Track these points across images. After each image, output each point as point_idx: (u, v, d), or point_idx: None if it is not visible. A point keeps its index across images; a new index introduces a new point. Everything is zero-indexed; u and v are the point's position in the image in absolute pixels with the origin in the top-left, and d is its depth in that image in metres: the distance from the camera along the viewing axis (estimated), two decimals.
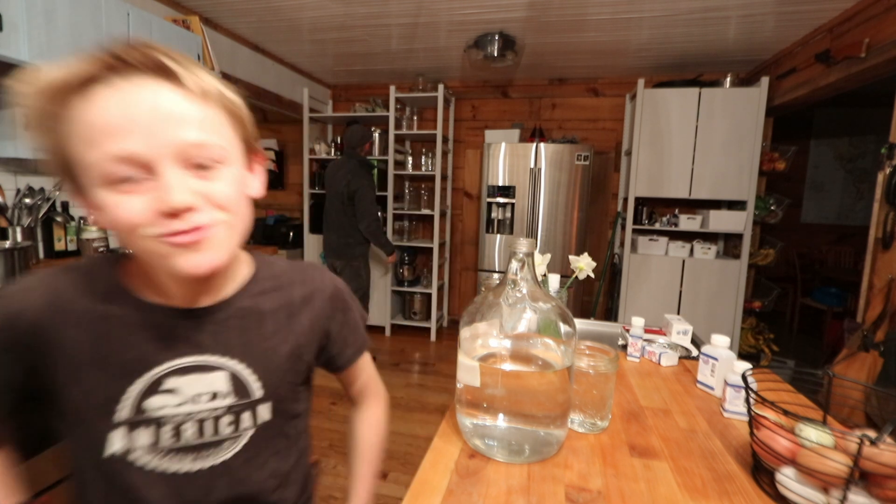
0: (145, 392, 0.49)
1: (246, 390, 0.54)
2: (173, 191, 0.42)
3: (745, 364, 0.85)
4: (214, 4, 2.49)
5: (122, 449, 0.49)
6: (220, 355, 0.52)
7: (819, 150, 4.68)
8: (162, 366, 0.50)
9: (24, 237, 1.77)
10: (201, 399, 0.51)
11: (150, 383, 0.49)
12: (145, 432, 0.49)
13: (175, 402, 0.50)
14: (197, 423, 0.51)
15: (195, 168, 0.44)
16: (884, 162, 1.86)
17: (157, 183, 0.42)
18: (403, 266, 3.69)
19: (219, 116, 0.46)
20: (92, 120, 0.41)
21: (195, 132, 0.43)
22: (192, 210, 0.43)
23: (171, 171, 0.42)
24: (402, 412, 2.45)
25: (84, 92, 0.41)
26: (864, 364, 1.73)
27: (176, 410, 0.50)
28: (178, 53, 0.44)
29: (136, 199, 0.42)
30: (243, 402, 0.54)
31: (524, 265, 0.69)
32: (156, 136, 0.41)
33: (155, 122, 0.41)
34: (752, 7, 2.26)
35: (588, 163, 3.18)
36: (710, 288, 3.00)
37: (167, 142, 0.42)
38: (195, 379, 0.51)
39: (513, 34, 2.72)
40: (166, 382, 0.50)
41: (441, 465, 0.68)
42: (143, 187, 0.42)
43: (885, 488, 0.54)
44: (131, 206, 0.42)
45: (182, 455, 0.51)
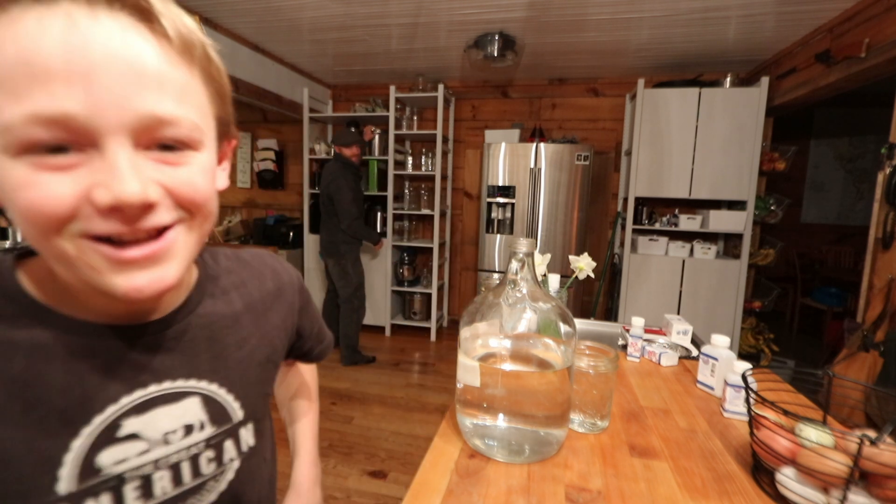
0: (94, 444, 0.35)
1: (226, 414, 0.44)
2: (124, 177, 0.29)
3: (745, 364, 0.85)
4: (214, 4, 2.49)
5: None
6: (187, 378, 0.41)
7: (819, 150, 4.68)
8: (115, 405, 0.36)
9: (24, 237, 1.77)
10: (173, 438, 0.39)
11: (102, 431, 0.36)
12: (102, 501, 0.35)
13: (138, 451, 0.37)
14: (171, 470, 0.39)
15: (157, 149, 0.32)
16: (884, 162, 1.86)
17: (101, 163, 0.29)
18: (403, 266, 3.70)
19: (198, 84, 0.34)
20: (14, 53, 0.27)
21: (167, 102, 0.31)
22: (148, 207, 0.31)
23: (123, 149, 0.29)
24: (402, 412, 2.45)
25: (6, 5, 0.27)
26: (864, 364, 1.73)
27: (141, 460, 0.37)
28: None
29: (62, 181, 0.29)
30: (223, 428, 0.43)
31: (524, 265, 0.69)
32: (110, 96, 0.28)
33: (112, 77, 0.28)
34: (752, 7, 2.26)
35: (588, 163, 3.18)
36: (710, 288, 3.01)
37: (125, 107, 0.29)
38: (161, 414, 0.39)
39: (513, 34, 2.72)
40: (124, 426, 0.37)
41: (441, 465, 0.68)
42: (76, 165, 0.29)
43: (885, 488, 0.54)
44: (54, 189, 0.28)
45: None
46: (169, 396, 0.40)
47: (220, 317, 0.45)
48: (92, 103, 0.28)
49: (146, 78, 0.30)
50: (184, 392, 0.41)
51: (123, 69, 0.29)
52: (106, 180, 0.29)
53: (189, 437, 0.41)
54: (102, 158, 0.29)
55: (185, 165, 0.33)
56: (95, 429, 0.35)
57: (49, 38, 0.27)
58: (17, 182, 0.28)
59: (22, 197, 0.28)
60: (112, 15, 0.29)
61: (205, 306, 0.44)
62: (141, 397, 0.38)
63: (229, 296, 0.47)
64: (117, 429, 0.36)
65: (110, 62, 0.28)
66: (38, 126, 0.27)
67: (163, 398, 0.39)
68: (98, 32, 0.28)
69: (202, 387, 0.42)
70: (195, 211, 0.35)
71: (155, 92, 0.30)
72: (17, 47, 0.27)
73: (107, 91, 0.28)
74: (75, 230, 0.30)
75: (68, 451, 0.34)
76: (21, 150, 0.28)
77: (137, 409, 0.38)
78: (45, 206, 0.28)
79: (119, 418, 0.37)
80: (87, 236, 0.30)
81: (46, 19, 0.27)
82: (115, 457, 0.36)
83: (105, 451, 0.36)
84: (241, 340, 0.46)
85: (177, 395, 0.40)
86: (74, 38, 0.27)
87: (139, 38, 0.30)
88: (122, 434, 0.37)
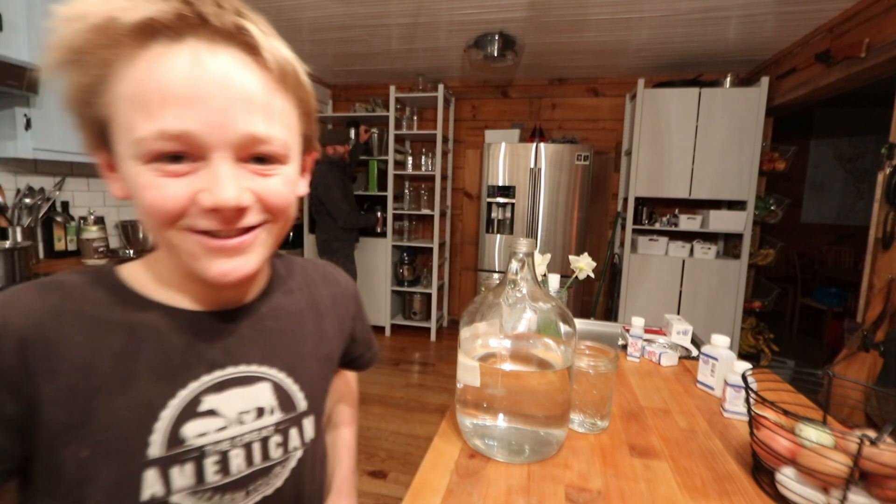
0: (180, 416, 0.40)
1: (292, 403, 0.47)
2: (224, 185, 0.35)
3: (745, 364, 0.85)
4: None
5: (160, 493, 0.38)
6: (259, 363, 0.45)
7: (819, 150, 4.68)
8: (196, 381, 0.41)
9: (24, 237, 1.77)
10: (246, 418, 0.43)
11: (185, 405, 0.40)
12: (186, 469, 0.39)
13: (216, 426, 0.41)
14: (244, 449, 0.43)
15: (252, 162, 0.38)
16: (884, 162, 1.86)
17: (207, 172, 0.35)
18: (403, 266, 3.70)
19: (290, 107, 0.40)
20: (151, 82, 0.33)
21: (263, 124, 0.37)
22: (241, 210, 0.37)
23: (225, 161, 0.36)
24: (402, 412, 2.45)
25: (147, 43, 0.33)
26: (864, 364, 1.73)
27: (219, 436, 0.41)
28: (257, 15, 0.37)
29: (178, 184, 0.35)
30: (290, 416, 0.47)
31: (524, 265, 0.69)
32: (217, 117, 0.34)
33: (220, 100, 0.34)
34: (752, 7, 2.26)
35: (588, 163, 3.18)
36: (710, 288, 3.01)
37: (230, 128, 0.35)
38: (236, 394, 0.43)
39: (513, 34, 2.72)
40: (204, 402, 0.41)
41: (441, 465, 0.68)
42: (189, 172, 0.35)
43: (885, 488, 0.54)
44: (172, 190, 0.35)
45: (233, 492, 0.42)
46: (243, 379, 0.44)
47: (287, 312, 0.50)
48: (205, 123, 0.34)
49: (249, 104, 0.36)
50: (256, 377, 0.45)
51: (232, 96, 0.35)
52: (210, 186, 0.35)
53: (260, 420, 0.44)
54: (209, 168, 0.36)
55: (274, 176, 0.39)
56: (180, 402, 0.40)
57: (177, 69, 0.33)
58: (144, 184, 0.35)
59: (147, 196, 0.35)
60: (227, 50, 0.35)
61: (276, 302, 0.49)
62: (219, 377, 0.42)
63: (296, 295, 0.52)
64: (198, 404, 0.41)
65: (222, 90, 0.34)
66: (164, 140, 0.34)
67: (237, 380, 0.44)
68: (215, 65, 0.34)
69: (272, 374, 0.46)
70: (278, 215, 0.41)
71: (254, 115, 0.36)
72: (154, 77, 0.33)
73: (217, 114, 0.34)
74: (183, 224, 0.36)
75: (158, 420, 0.39)
76: (148, 159, 0.35)
77: (215, 388, 0.42)
78: (163, 204, 0.35)
79: (200, 395, 0.41)
80: (191, 230, 0.37)
81: (175, 54, 0.33)
82: (197, 430, 0.40)
83: (188, 423, 0.40)
84: (305, 336, 0.51)
85: (250, 378, 0.44)
86: (196, 71, 0.34)
87: (246, 70, 0.36)
88: (202, 409, 0.41)
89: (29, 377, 0.35)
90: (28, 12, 1.56)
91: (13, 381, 0.35)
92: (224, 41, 0.35)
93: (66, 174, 2.02)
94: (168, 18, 0.33)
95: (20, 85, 1.51)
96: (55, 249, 1.93)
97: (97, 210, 2.15)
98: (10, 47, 1.55)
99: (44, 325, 0.37)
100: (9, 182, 1.81)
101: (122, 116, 0.34)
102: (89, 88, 0.35)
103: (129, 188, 0.37)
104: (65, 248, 1.96)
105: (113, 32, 0.32)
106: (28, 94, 1.56)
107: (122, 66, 0.33)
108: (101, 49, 0.33)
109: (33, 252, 1.85)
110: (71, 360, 0.37)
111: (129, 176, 0.36)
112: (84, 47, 0.33)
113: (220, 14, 0.34)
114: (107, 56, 0.33)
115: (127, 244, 2.23)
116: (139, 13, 0.32)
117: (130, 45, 0.33)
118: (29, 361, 0.35)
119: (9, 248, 1.42)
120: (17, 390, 0.35)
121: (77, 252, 1.98)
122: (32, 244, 1.81)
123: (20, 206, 1.79)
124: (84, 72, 0.34)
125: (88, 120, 0.36)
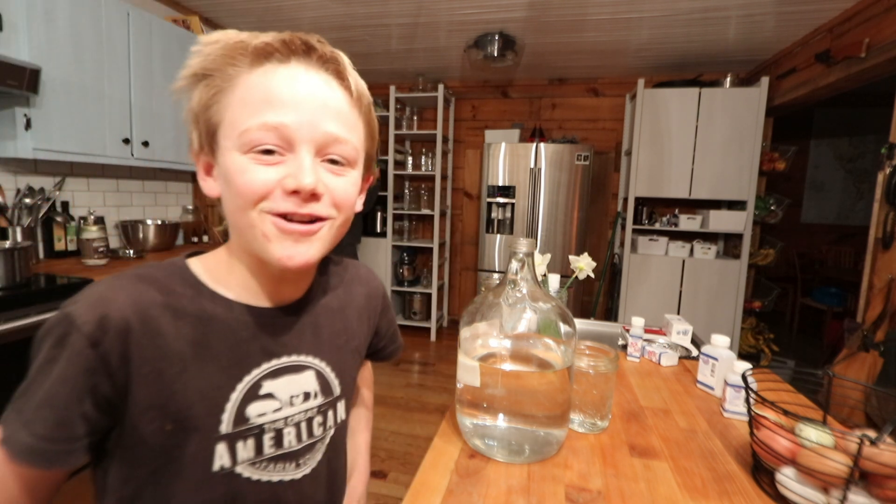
0: (244, 398, 0.47)
1: (330, 388, 0.55)
2: (306, 171, 0.43)
3: (745, 364, 0.85)
4: (214, 4, 2.49)
5: (227, 464, 0.46)
6: (307, 354, 0.52)
7: (819, 150, 4.68)
8: (258, 368, 0.48)
9: (24, 237, 1.77)
10: (296, 401, 0.51)
11: (248, 388, 0.47)
12: (248, 443, 0.47)
13: (273, 408, 0.48)
14: (294, 428, 0.50)
15: (328, 161, 0.46)
16: (884, 162, 1.86)
17: (293, 162, 0.43)
18: (403, 266, 3.70)
19: (360, 123, 0.49)
20: (260, 88, 0.42)
21: (340, 127, 0.45)
22: (315, 196, 0.44)
23: (308, 154, 0.44)
24: (402, 412, 2.45)
25: (262, 62, 0.43)
26: (864, 364, 1.73)
27: (275, 416, 0.49)
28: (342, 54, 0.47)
29: (268, 171, 0.43)
30: (328, 400, 0.54)
31: (524, 265, 0.69)
32: (307, 117, 0.43)
33: (311, 106, 0.43)
34: (752, 7, 2.26)
35: (588, 163, 3.18)
36: (710, 288, 3.00)
37: (315, 126, 0.43)
38: (289, 381, 0.50)
39: (513, 34, 2.72)
40: (263, 386, 0.48)
41: (441, 465, 0.68)
42: (278, 163, 0.43)
43: (885, 488, 0.54)
44: (262, 175, 0.43)
45: (284, 462, 0.50)
46: (293, 367, 0.51)
47: (329, 309, 0.57)
48: (297, 120, 0.43)
49: (332, 111, 0.45)
50: (304, 365, 0.52)
51: (319, 105, 0.44)
52: (295, 173, 0.43)
53: (307, 403, 0.52)
54: (295, 159, 0.43)
55: (343, 176, 0.47)
56: (245, 385, 0.47)
57: (281, 81, 0.43)
58: (240, 168, 0.43)
59: (241, 179, 0.43)
60: (319, 73, 0.45)
61: (321, 300, 0.56)
62: (275, 365, 0.49)
63: (336, 292, 0.59)
64: (259, 388, 0.48)
65: (313, 100, 0.44)
66: (264, 131, 0.42)
67: (289, 368, 0.50)
68: (310, 81, 0.44)
69: (316, 363, 0.53)
70: (340, 211, 0.47)
71: (335, 121, 0.45)
72: (263, 87, 0.43)
73: (307, 114, 0.43)
74: (265, 207, 0.43)
75: (228, 401, 0.46)
76: (247, 149, 0.42)
77: (272, 374, 0.49)
78: (253, 185, 0.42)
79: (260, 380, 0.48)
80: (270, 212, 0.43)
81: (282, 71, 0.43)
82: (258, 410, 0.47)
83: (251, 405, 0.47)
84: (340, 330, 0.58)
85: (299, 366, 0.51)
86: (296, 84, 0.43)
87: (332, 88, 0.45)
88: (262, 392, 0.48)
89: (125, 362, 0.41)
90: (28, 12, 1.55)
91: (112, 365, 0.41)
92: (319, 66, 0.45)
93: (66, 174, 2.02)
94: (280, 45, 0.43)
95: (20, 85, 1.51)
96: (55, 249, 1.93)
97: (97, 210, 2.15)
98: (10, 47, 1.55)
99: (142, 317, 0.42)
100: (9, 182, 1.81)
101: (231, 116, 0.43)
102: (211, 99, 0.44)
103: (225, 175, 0.44)
104: (65, 248, 1.96)
105: (238, 53, 0.43)
106: (28, 94, 1.56)
107: (240, 80, 0.43)
108: (227, 66, 0.43)
109: (33, 252, 1.85)
110: (160, 348, 0.43)
111: (229, 165, 0.43)
112: (215, 64, 0.43)
113: (321, 45, 0.44)
114: (230, 72, 0.43)
115: (127, 244, 2.23)
116: (260, 40, 0.43)
117: (249, 64, 0.43)
118: (127, 349, 0.41)
119: (9, 248, 1.42)
120: (114, 374, 0.41)
121: (77, 252, 1.97)
122: (32, 244, 1.81)
123: (20, 206, 1.79)
124: (211, 84, 0.44)
125: (203, 125, 0.45)
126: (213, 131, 0.45)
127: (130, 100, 1.96)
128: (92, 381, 0.40)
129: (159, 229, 2.28)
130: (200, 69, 0.43)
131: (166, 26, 2.13)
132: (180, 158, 2.25)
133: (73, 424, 0.40)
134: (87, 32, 1.77)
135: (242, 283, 0.49)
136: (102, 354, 0.40)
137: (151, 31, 2.05)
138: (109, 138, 1.89)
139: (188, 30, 2.33)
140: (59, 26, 1.66)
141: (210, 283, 0.48)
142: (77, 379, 0.40)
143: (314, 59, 0.44)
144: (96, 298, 0.42)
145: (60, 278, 1.58)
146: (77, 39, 1.73)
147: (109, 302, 0.41)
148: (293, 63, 0.44)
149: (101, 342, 0.40)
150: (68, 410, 0.40)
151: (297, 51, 0.44)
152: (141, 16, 1.99)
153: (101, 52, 1.82)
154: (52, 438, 0.40)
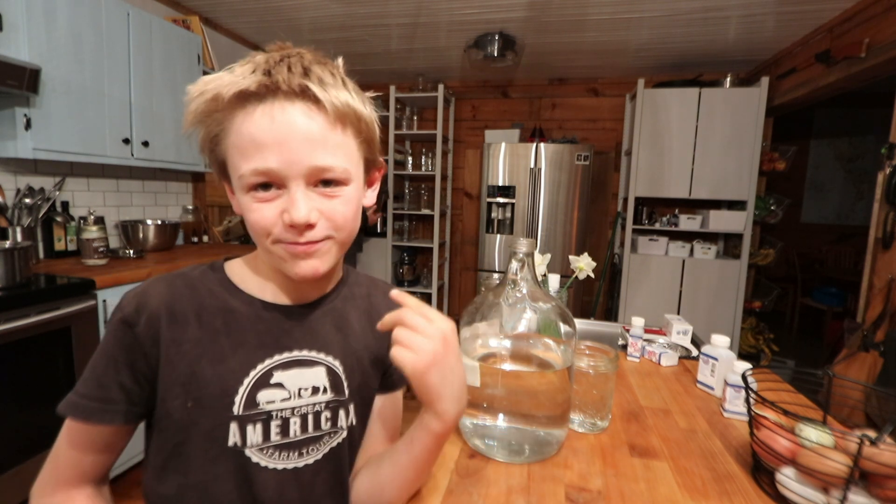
0: (255, 384, 0.51)
1: (341, 388, 0.57)
2: (297, 206, 0.46)
3: (745, 364, 0.85)
4: (214, 4, 2.49)
5: (239, 443, 0.51)
6: (318, 350, 0.56)
7: (819, 150, 4.68)
8: (270, 359, 0.53)
9: (24, 237, 1.77)
10: (304, 394, 0.54)
11: (260, 376, 0.52)
12: (257, 428, 0.51)
13: (282, 397, 0.53)
14: (300, 419, 0.54)
15: (320, 185, 0.49)
16: (884, 162, 1.86)
17: (287, 197, 0.47)
18: (403, 266, 3.70)
19: (348, 140, 0.50)
20: (244, 134, 0.46)
21: (326, 157, 0.47)
22: (310, 226, 0.48)
23: (299, 189, 0.47)
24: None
25: (244, 105, 0.46)
26: (864, 364, 1.73)
27: (283, 405, 0.53)
28: (323, 68, 0.48)
29: (269, 207, 0.47)
30: (339, 398, 0.57)
31: (524, 265, 0.69)
32: (290, 157, 0.46)
33: (292, 143, 0.46)
34: (752, 7, 2.26)
35: (588, 163, 3.18)
36: (710, 288, 3.00)
37: (300, 163, 0.46)
38: (298, 374, 0.54)
39: (513, 34, 2.72)
40: (274, 376, 0.52)
41: (441, 465, 0.68)
42: (275, 198, 0.48)
43: (885, 488, 0.54)
44: (265, 213, 0.48)
45: (288, 451, 0.53)
46: (304, 361, 0.55)
47: (346, 313, 0.60)
48: (282, 161, 0.46)
49: (315, 142, 0.46)
50: (315, 361, 0.55)
51: (300, 138, 0.46)
52: (289, 208, 0.47)
53: (315, 396, 0.55)
54: (288, 194, 0.47)
55: (337, 198, 0.50)
56: (257, 373, 0.52)
57: (261, 124, 0.45)
58: (246, 207, 0.48)
59: (249, 217, 0.49)
60: (294, 104, 0.46)
61: (338, 304, 0.59)
62: (287, 357, 0.54)
63: (357, 302, 0.62)
64: (269, 377, 0.52)
65: (292, 135, 0.45)
66: (256, 175, 0.46)
67: (300, 362, 0.54)
68: (285, 117, 0.45)
69: (328, 360, 0.56)
70: (340, 230, 0.51)
71: (317, 151, 0.47)
72: (247, 132, 0.46)
73: (290, 153, 0.46)
74: (273, 237, 0.48)
75: (242, 385, 0.51)
76: (248, 189, 0.48)
77: (283, 366, 0.53)
78: (259, 223, 0.48)
79: (271, 369, 0.52)
80: (278, 241, 0.49)
81: (260, 111, 0.45)
82: (267, 397, 0.52)
83: (261, 391, 0.52)
84: (356, 334, 0.60)
85: (310, 361, 0.55)
86: (273, 124, 0.45)
87: (311, 117, 0.46)
88: (272, 381, 0.52)
89: (155, 344, 0.49)
90: (28, 12, 1.55)
91: (145, 345, 0.49)
92: (293, 98, 0.46)
93: (66, 174, 2.02)
94: (254, 87, 0.45)
95: (20, 85, 1.51)
96: (55, 249, 1.93)
97: (97, 210, 2.15)
98: (10, 47, 1.55)
99: (170, 307, 0.51)
100: (9, 182, 1.81)
101: (231, 159, 0.48)
102: (213, 139, 0.49)
103: (239, 209, 0.51)
104: (65, 248, 1.96)
105: (221, 101, 0.46)
106: (28, 94, 1.56)
107: (229, 123, 0.47)
108: (215, 112, 0.47)
109: (33, 252, 1.85)
110: (186, 333, 0.50)
111: (239, 201, 0.50)
112: (205, 112, 0.47)
113: (290, 79, 0.45)
114: (219, 116, 0.47)
115: (127, 244, 2.23)
116: (236, 87, 0.45)
117: (232, 108, 0.46)
118: (157, 332, 0.49)
119: (9, 248, 1.42)
120: (147, 353, 0.49)
121: (77, 252, 1.97)
122: (32, 244, 1.81)
123: (20, 206, 1.79)
124: (207, 128, 0.48)
125: (214, 161, 0.51)
126: (223, 167, 0.50)
127: (130, 100, 1.96)
128: (130, 357, 0.49)
129: (159, 229, 2.28)
130: (195, 121, 0.48)
131: (166, 26, 2.13)
132: (180, 158, 2.26)
133: (109, 388, 0.49)
134: (87, 32, 1.77)
135: (265, 283, 0.55)
136: (137, 334, 0.49)
137: (151, 31, 2.05)
138: (109, 138, 1.89)
139: (188, 30, 2.33)
140: (59, 26, 1.66)
141: (237, 281, 0.55)
142: (115, 351, 0.49)
143: (288, 91, 0.45)
144: (139, 291, 0.51)
145: (60, 278, 1.58)
146: (77, 39, 1.73)
147: (148, 295, 0.51)
148: (268, 99, 0.45)
149: (137, 324, 0.49)
150: (106, 377, 0.49)
151: (270, 87, 0.45)
152: (141, 16, 1.99)
153: (101, 52, 1.82)
154: (90, 396, 0.49)
